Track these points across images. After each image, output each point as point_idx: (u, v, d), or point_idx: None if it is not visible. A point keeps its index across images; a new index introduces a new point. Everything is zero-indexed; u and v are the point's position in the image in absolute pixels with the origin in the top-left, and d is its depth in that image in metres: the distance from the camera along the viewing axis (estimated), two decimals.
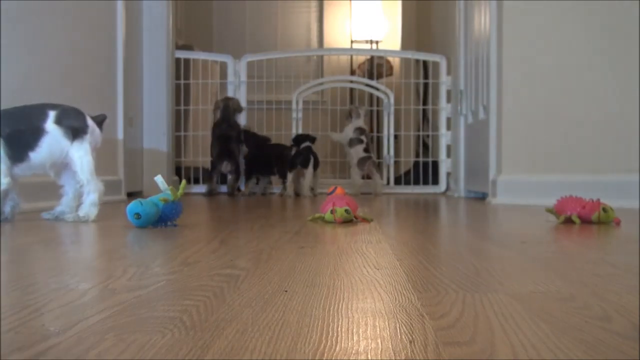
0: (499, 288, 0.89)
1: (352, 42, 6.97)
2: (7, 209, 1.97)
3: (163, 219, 1.82)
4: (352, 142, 4.75)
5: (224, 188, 4.63)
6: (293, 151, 4.45)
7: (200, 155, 4.94)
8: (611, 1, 3.09)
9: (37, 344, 0.59)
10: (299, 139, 4.52)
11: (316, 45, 7.14)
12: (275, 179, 4.69)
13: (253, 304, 0.77)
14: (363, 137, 4.73)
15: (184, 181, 1.94)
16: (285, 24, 7.17)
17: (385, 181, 5.01)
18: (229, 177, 4.48)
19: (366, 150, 4.71)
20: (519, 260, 1.23)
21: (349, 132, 4.79)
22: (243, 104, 5.00)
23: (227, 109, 4.53)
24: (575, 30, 3.21)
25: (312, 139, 4.50)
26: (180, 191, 1.85)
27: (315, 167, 4.42)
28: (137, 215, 1.76)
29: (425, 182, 5.06)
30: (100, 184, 2.07)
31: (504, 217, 2.53)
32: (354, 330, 0.65)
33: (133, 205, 1.78)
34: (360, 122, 4.82)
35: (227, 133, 4.49)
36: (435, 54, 5.09)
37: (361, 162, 4.68)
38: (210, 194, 4.45)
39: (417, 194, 4.86)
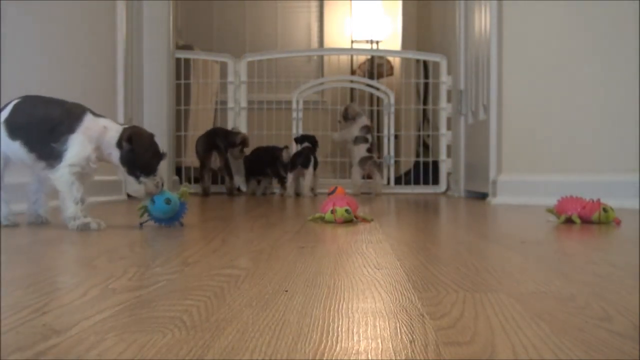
0: (499, 288, 0.89)
1: (352, 42, 6.97)
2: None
3: (177, 217, 1.85)
4: (357, 140, 4.74)
5: (222, 188, 4.62)
6: (283, 152, 4.45)
7: None
8: (611, 1, 3.09)
9: (37, 344, 0.59)
10: (302, 139, 4.53)
11: (316, 45, 7.14)
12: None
13: (253, 303, 0.77)
14: (369, 136, 4.72)
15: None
16: (286, 24, 7.17)
17: (385, 181, 5.01)
18: (226, 179, 4.48)
19: (369, 150, 4.70)
20: (519, 260, 1.23)
21: (354, 130, 4.76)
22: (243, 103, 5.00)
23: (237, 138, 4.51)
24: (575, 30, 3.21)
25: (314, 142, 4.50)
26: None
27: (314, 167, 4.43)
28: (168, 200, 1.80)
29: (426, 182, 5.06)
30: None
31: (504, 217, 2.53)
32: (355, 330, 0.65)
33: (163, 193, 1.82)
34: (367, 120, 4.82)
35: (217, 132, 4.50)
36: (436, 54, 5.09)
37: (362, 161, 4.67)
38: (206, 193, 4.44)
39: (417, 194, 4.86)
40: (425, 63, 5.35)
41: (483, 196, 3.75)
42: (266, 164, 4.57)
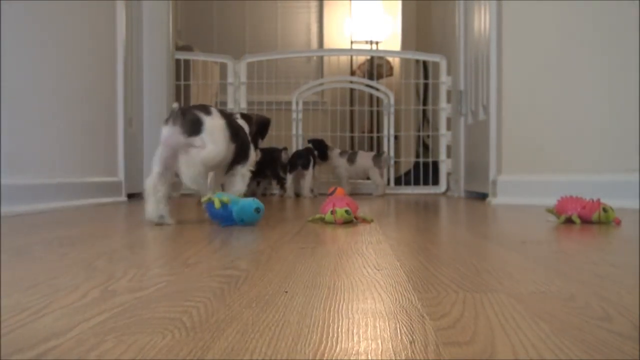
0: (499, 288, 0.89)
1: (352, 42, 6.97)
2: None
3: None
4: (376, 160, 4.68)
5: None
6: (282, 153, 4.45)
7: None
8: (611, 1, 3.09)
9: (37, 345, 0.59)
10: (309, 142, 4.53)
11: (316, 46, 7.14)
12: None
13: (253, 304, 0.77)
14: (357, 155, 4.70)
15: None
16: (285, 25, 7.17)
17: (385, 181, 5.01)
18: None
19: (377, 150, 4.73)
20: (519, 260, 1.23)
21: (365, 160, 4.71)
22: (243, 104, 5.00)
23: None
24: (575, 30, 3.22)
25: (321, 146, 4.49)
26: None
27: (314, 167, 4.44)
28: (257, 210, 1.86)
29: (426, 183, 5.06)
30: None
31: (504, 217, 2.53)
32: (355, 331, 0.65)
33: (253, 202, 1.86)
34: (339, 153, 4.75)
35: None
36: (435, 54, 5.09)
37: (376, 158, 4.66)
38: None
39: (418, 194, 4.86)
40: (424, 63, 5.35)
41: (483, 196, 3.75)
42: (265, 165, 4.56)
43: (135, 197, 3.98)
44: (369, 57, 6.67)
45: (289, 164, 4.40)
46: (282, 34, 7.15)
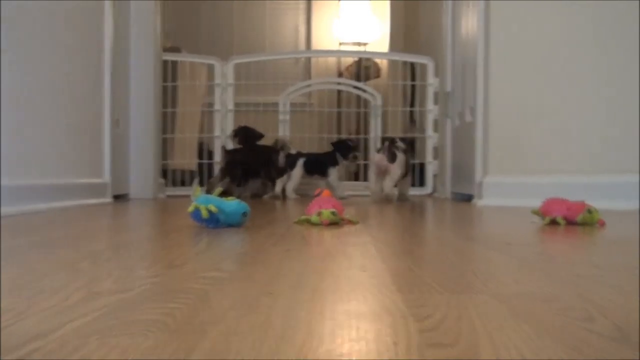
0: (483, 289, 0.89)
1: (340, 44, 6.98)
2: None
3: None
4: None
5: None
6: (280, 155, 4.42)
7: (187, 158, 4.93)
8: (599, 1, 3.11)
9: (20, 347, 0.59)
10: (339, 146, 4.44)
11: (304, 47, 7.14)
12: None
13: (237, 306, 0.77)
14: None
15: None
16: (273, 26, 7.17)
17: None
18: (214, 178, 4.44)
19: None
20: (504, 261, 1.23)
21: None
22: (230, 106, 4.99)
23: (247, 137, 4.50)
24: (564, 32, 3.24)
25: (343, 149, 4.41)
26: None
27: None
28: (245, 214, 1.87)
29: (412, 184, 5.07)
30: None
31: (489, 218, 2.54)
32: (338, 332, 0.65)
33: (239, 207, 1.85)
34: None
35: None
36: (423, 56, 5.11)
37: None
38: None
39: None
40: (412, 65, 5.37)
41: (469, 198, 3.77)
42: (260, 166, 4.52)
43: (120, 198, 3.96)
44: (356, 59, 6.68)
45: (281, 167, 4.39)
46: (270, 35, 7.14)
